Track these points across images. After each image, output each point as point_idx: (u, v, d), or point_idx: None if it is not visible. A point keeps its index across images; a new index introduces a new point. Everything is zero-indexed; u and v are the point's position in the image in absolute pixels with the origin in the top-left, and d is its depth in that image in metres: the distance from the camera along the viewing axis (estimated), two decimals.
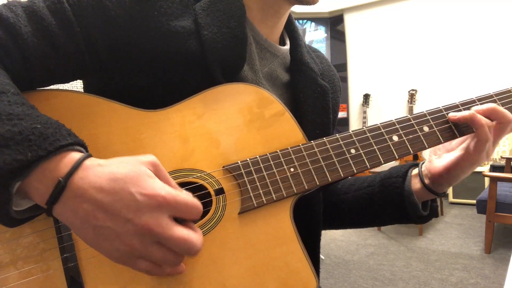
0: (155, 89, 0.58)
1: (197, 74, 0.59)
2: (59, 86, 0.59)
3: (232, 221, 0.54)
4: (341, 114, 5.52)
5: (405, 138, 0.61)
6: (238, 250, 0.53)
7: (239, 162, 0.56)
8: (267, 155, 0.57)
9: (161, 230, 0.40)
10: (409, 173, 0.73)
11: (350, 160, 0.59)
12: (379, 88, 5.22)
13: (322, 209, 0.78)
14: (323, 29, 5.80)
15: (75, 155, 0.42)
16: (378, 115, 5.21)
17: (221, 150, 0.56)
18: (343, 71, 5.50)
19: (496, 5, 4.37)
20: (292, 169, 0.57)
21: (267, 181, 0.56)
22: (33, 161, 0.39)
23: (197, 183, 0.54)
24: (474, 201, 3.36)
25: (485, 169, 4.12)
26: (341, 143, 0.60)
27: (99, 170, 0.41)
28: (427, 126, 0.62)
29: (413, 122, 0.62)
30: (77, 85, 1.62)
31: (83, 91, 0.63)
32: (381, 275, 2.61)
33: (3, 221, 0.42)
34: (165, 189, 0.41)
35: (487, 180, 4.01)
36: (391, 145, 0.61)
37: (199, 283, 0.51)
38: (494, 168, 4.20)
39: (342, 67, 5.50)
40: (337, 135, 0.61)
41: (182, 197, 0.42)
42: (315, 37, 5.87)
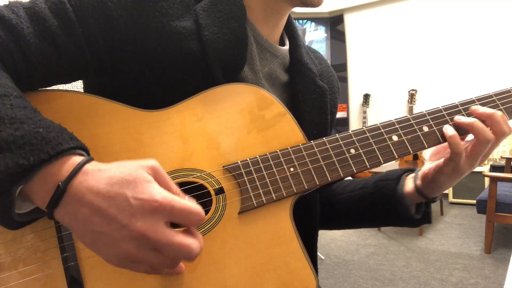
0: (156, 89, 0.58)
1: (197, 74, 0.59)
2: (59, 86, 0.59)
3: (232, 220, 0.54)
4: (341, 114, 5.53)
5: (404, 138, 0.61)
6: (238, 249, 0.53)
7: (239, 161, 0.56)
8: (267, 155, 0.57)
9: (156, 236, 0.39)
10: (403, 177, 0.74)
11: (349, 160, 0.59)
12: (379, 88, 5.22)
13: (319, 209, 0.78)
14: (323, 29, 5.80)
15: (77, 159, 0.42)
16: (378, 115, 5.21)
17: (221, 150, 0.56)
18: (343, 71, 5.50)
19: (496, 5, 4.38)
20: (292, 169, 0.57)
21: (267, 180, 0.56)
22: (35, 165, 0.39)
23: (197, 182, 0.54)
24: (474, 201, 3.36)
25: (485, 169, 4.12)
26: (341, 143, 0.60)
27: (98, 174, 0.41)
28: (426, 126, 0.62)
29: (412, 122, 0.63)
30: (77, 85, 1.63)
31: (83, 91, 0.63)
32: (381, 275, 2.61)
33: (6, 224, 0.42)
34: (161, 194, 0.40)
35: (487, 180, 4.01)
36: (390, 145, 0.61)
37: (199, 282, 0.51)
38: (494, 168, 4.20)
39: (342, 67, 5.50)
40: (336, 135, 0.61)
41: (180, 202, 0.41)
42: (315, 37, 5.87)
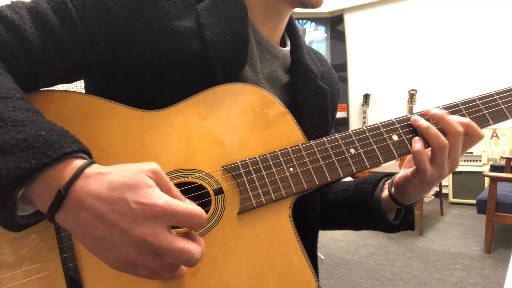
0: (157, 89, 0.58)
1: (198, 74, 0.59)
2: (60, 86, 0.59)
3: (231, 221, 0.54)
4: (341, 114, 5.52)
5: (405, 137, 0.61)
6: (237, 250, 0.53)
7: (238, 162, 0.56)
8: (266, 155, 0.57)
9: (157, 241, 0.39)
10: (382, 181, 0.73)
11: (349, 159, 0.59)
12: (379, 88, 5.22)
13: (319, 209, 0.78)
14: (323, 29, 5.80)
15: (78, 163, 0.41)
16: (378, 115, 5.21)
17: (221, 150, 0.56)
18: (343, 71, 5.50)
19: (496, 5, 4.37)
20: (291, 169, 0.57)
21: (266, 181, 0.56)
22: (37, 168, 0.39)
23: (196, 183, 0.54)
24: (474, 201, 3.36)
25: (485, 169, 4.12)
26: (341, 142, 0.60)
27: (99, 178, 0.40)
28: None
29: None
30: (77, 86, 1.62)
31: (84, 92, 0.63)
32: (381, 275, 2.61)
33: (9, 227, 0.42)
34: (162, 198, 0.40)
35: (487, 180, 4.01)
36: (390, 144, 0.61)
37: (198, 283, 0.51)
38: (494, 168, 4.20)
39: (342, 67, 5.50)
40: (336, 134, 0.60)
41: (181, 206, 0.40)
42: (315, 37, 5.87)
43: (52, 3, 0.52)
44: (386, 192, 0.72)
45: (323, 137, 0.60)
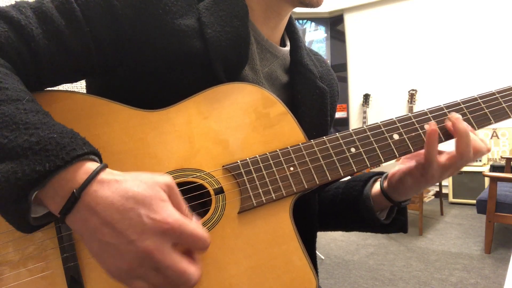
0: (158, 88, 0.58)
1: (199, 72, 0.59)
2: (60, 86, 0.59)
3: (231, 220, 0.54)
4: (341, 114, 5.52)
5: (406, 136, 0.61)
6: (237, 249, 0.53)
7: (238, 161, 0.56)
8: (266, 154, 0.57)
9: (161, 257, 0.40)
10: (372, 179, 0.73)
11: (350, 159, 0.59)
12: (379, 88, 5.21)
13: (318, 209, 0.78)
14: (323, 29, 5.80)
15: (91, 166, 0.42)
16: (378, 115, 5.21)
17: (221, 149, 0.56)
18: (343, 71, 5.50)
19: (496, 5, 4.37)
20: (291, 168, 0.57)
21: (267, 180, 0.56)
22: (50, 171, 0.39)
23: (197, 182, 0.54)
24: (474, 201, 3.36)
25: (485, 169, 4.12)
26: (341, 142, 0.60)
27: (115, 185, 0.41)
28: (428, 124, 0.62)
29: (414, 120, 0.62)
30: (77, 86, 1.62)
31: (85, 92, 0.63)
32: (381, 275, 2.61)
33: (20, 228, 0.42)
34: (174, 216, 0.40)
35: (487, 180, 4.01)
36: (391, 143, 0.61)
37: (198, 282, 0.51)
38: (494, 168, 4.20)
39: (342, 67, 5.50)
40: (337, 134, 0.60)
41: (189, 227, 0.41)
42: (315, 37, 5.87)
43: (56, 3, 0.53)
44: (377, 187, 0.71)
45: (324, 137, 0.60)
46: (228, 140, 0.57)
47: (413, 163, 0.64)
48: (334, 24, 5.65)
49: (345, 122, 5.55)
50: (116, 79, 0.59)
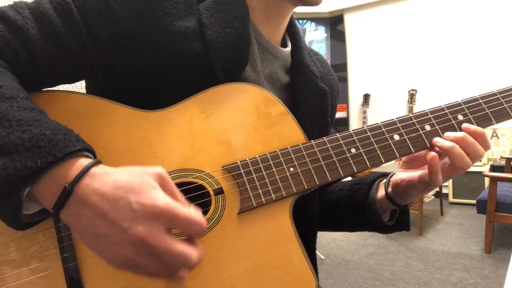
0: (158, 89, 0.58)
1: (199, 73, 0.59)
2: (60, 86, 0.59)
3: (231, 221, 0.54)
4: (341, 114, 5.52)
5: (406, 137, 0.61)
6: (237, 250, 0.53)
7: (238, 162, 0.56)
8: (266, 154, 0.57)
9: (155, 242, 0.39)
10: (377, 182, 0.73)
11: (350, 159, 0.59)
12: (379, 88, 5.21)
13: (318, 210, 0.78)
14: (323, 29, 5.80)
15: (84, 162, 0.42)
16: (378, 115, 5.21)
17: (222, 149, 0.56)
18: (343, 71, 5.50)
19: (496, 5, 4.37)
20: (291, 169, 0.57)
21: (267, 181, 0.56)
22: (42, 167, 0.39)
23: (197, 183, 0.54)
24: (474, 201, 3.36)
25: (485, 169, 4.12)
26: (341, 142, 0.60)
27: (105, 177, 0.41)
28: (428, 124, 0.62)
29: (414, 121, 0.62)
30: (77, 86, 1.62)
31: (84, 92, 0.63)
32: (381, 275, 2.61)
33: (14, 225, 0.42)
34: (164, 200, 0.40)
35: (487, 180, 4.01)
36: (392, 144, 0.61)
37: (198, 283, 0.51)
38: (494, 168, 4.20)
39: (342, 67, 5.50)
40: (337, 134, 0.60)
41: (183, 210, 0.40)
42: (315, 37, 5.87)
43: (54, 4, 0.53)
44: (382, 192, 0.71)
45: (324, 137, 0.60)
46: (228, 140, 0.57)
47: (416, 177, 0.64)
48: (334, 24, 5.65)
49: (345, 122, 5.55)
50: (116, 79, 0.59)
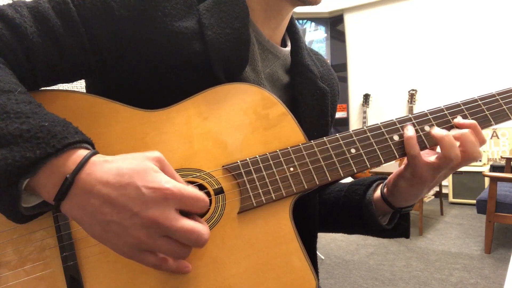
0: (157, 89, 0.58)
1: (199, 74, 0.59)
2: (60, 86, 0.59)
3: (231, 220, 0.54)
4: (341, 114, 5.53)
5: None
6: (237, 249, 0.53)
7: (238, 161, 0.56)
8: (266, 154, 0.57)
9: (168, 222, 0.41)
10: (375, 183, 0.73)
11: (350, 159, 0.59)
12: (379, 88, 5.21)
13: (318, 210, 0.78)
14: (323, 29, 5.80)
15: (82, 152, 0.42)
16: (378, 115, 5.21)
17: (222, 149, 0.56)
18: (343, 71, 5.50)
19: (496, 5, 4.37)
20: (291, 169, 0.57)
21: (267, 180, 0.56)
22: (41, 158, 0.40)
23: (197, 182, 0.54)
24: (474, 201, 3.36)
25: (485, 169, 4.12)
26: (341, 142, 0.60)
27: (106, 165, 0.42)
28: (428, 125, 0.62)
29: (414, 121, 0.62)
30: (77, 85, 1.62)
31: (84, 91, 0.63)
32: (381, 275, 2.61)
33: (12, 218, 0.43)
34: (170, 182, 0.42)
35: (487, 180, 4.01)
36: (391, 144, 0.61)
37: (198, 282, 0.51)
38: (494, 168, 4.20)
39: (342, 67, 5.50)
40: (337, 134, 0.60)
41: (188, 190, 0.43)
42: (315, 37, 5.87)
43: (53, 3, 0.53)
44: (378, 193, 0.71)
45: (324, 137, 0.60)
46: (228, 140, 0.57)
47: (403, 165, 0.64)
48: (334, 24, 5.65)
49: (345, 122, 5.55)
50: (115, 79, 0.59)
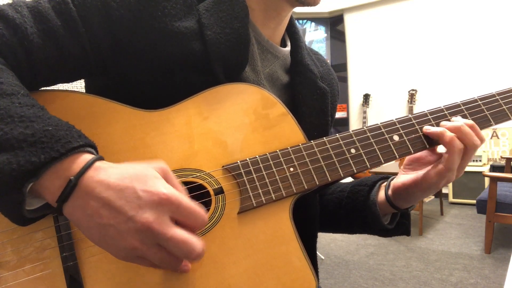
0: (157, 89, 0.58)
1: (199, 74, 0.59)
2: (59, 85, 0.59)
3: (231, 220, 0.54)
4: (341, 114, 5.52)
5: (406, 138, 0.61)
6: (237, 249, 0.53)
7: (238, 161, 0.56)
8: (266, 155, 0.57)
9: (160, 228, 0.40)
10: (378, 184, 0.73)
11: (350, 160, 0.59)
12: (379, 88, 5.21)
13: (318, 210, 0.78)
14: (323, 29, 5.80)
15: (87, 156, 0.43)
16: (378, 115, 5.21)
17: (222, 150, 0.56)
18: (343, 71, 5.50)
19: (496, 5, 4.37)
20: (291, 169, 0.57)
21: (267, 181, 0.56)
22: (46, 162, 0.40)
23: (197, 182, 0.54)
24: (474, 201, 3.36)
25: (485, 169, 4.12)
26: (341, 142, 0.60)
27: (110, 170, 0.42)
28: (428, 125, 0.62)
29: (414, 121, 0.62)
30: (77, 85, 1.62)
31: (84, 91, 0.63)
32: (381, 275, 2.61)
33: (15, 220, 0.43)
34: (169, 189, 0.41)
35: (487, 180, 4.01)
36: (391, 145, 0.61)
37: (198, 282, 0.51)
38: (494, 168, 4.20)
39: (342, 67, 5.50)
40: (337, 134, 0.60)
41: (186, 200, 0.42)
42: (315, 37, 5.87)
43: (53, 3, 0.53)
44: (382, 194, 0.71)
45: (324, 137, 0.60)
46: (228, 140, 0.57)
47: (420, 177, 0.64)
48: (334, 24, 5.65)
49: (345, 122, 5.55)
50: (115, 79, 0.59)
